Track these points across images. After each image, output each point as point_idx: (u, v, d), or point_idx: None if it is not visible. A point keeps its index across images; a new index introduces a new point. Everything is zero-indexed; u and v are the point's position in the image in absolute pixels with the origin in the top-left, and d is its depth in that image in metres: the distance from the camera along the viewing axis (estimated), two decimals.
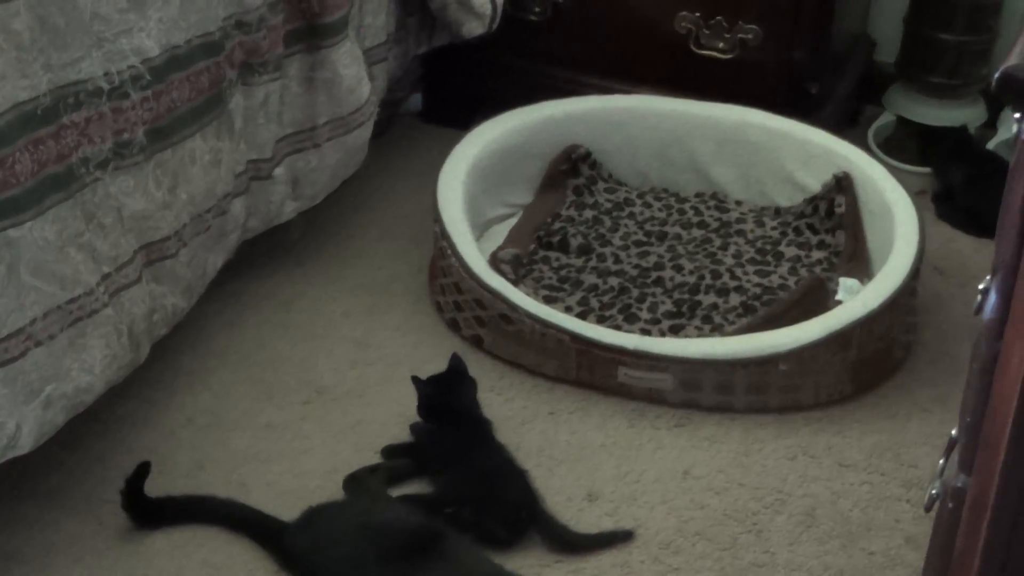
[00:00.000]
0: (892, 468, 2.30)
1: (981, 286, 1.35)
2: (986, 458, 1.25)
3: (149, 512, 2.13)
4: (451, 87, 3.28)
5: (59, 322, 1.96)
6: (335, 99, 2.58)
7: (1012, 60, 1.02)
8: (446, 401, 2.32)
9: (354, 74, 2.60)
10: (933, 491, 1.51)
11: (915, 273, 2.52)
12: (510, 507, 2.15)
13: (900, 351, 2.55)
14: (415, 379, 2.33)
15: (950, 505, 1.39)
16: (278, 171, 2.53)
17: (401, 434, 2.33)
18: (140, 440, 2.30)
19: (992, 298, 1.28)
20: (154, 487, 2.16)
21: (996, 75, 1.02)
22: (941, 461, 1.51)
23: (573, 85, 3.04)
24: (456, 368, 2.37)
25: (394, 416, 2.36)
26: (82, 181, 1.99)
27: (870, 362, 2.46)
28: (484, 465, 2.22)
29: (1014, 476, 1.18)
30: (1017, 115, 1.15)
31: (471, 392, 2.36)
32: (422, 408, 2.32)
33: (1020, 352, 1.14)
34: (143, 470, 2.11)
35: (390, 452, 2.30)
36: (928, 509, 1.54)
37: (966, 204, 2.96)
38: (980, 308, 1.35)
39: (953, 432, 1.48)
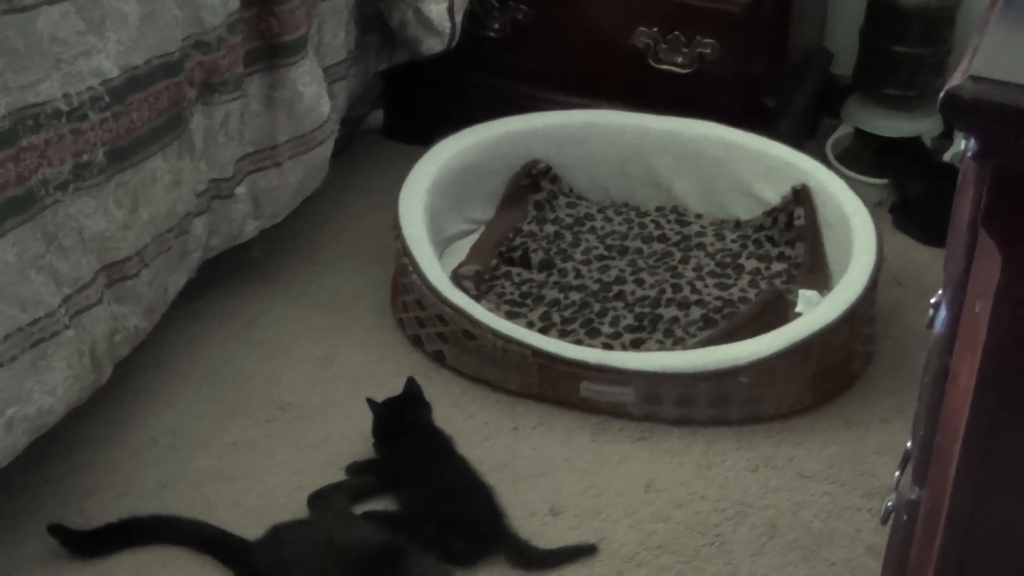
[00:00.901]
0: (852, 478, 2.32)
1: (933, 300, 1.37)
2: (938, 471, 1.27)
3: (90, 544, 2.12)
4: (412, 104, 3.29)
5: (20, 344, 1.95)
6: (295, 117, 2.59)
7: (955, 80, 1.04)
8: (400, 424, 2.33)
9: (314, 92, 2.61)
10: (889, 503, 1.53)
11: (873, 284, 2.54)
12: (472, 524, 2.16)
13: (859, 362, 2.57)
14: (370, 402, 2.34)
15: (905, 517, 1.41)
16: (239, 190, 2.54)
17: (365, 451, 2.34)
18: (103, 461, 2.30)
19: (943, 313, 1.30)
20: (118, 507, 2.17)
21: (940, 95, 1.04)
22: (897, 473, 1.53)
23: (533, 100, 3.06)
24: (411, 391, 2.37)
25: (358, 433, 2.36)
26: (42, 203, 1.99)
27: (830, 373, 2.48)
28: (447, 482, 2.23)
29: (966, 489, 1.19)
30: None
31: (426, 415, 2.37)
32: (377, 431, 2.33)
33: (969, 366, 1.16)
34: (56, 530, 2.11)
35: (355, 469, 2.31)
36: (884, 521, 1.55)
37: (923, 215, 2.98)
38: (932, 322, 1.37)
39: (908, 444, 1.50)
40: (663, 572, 2.13)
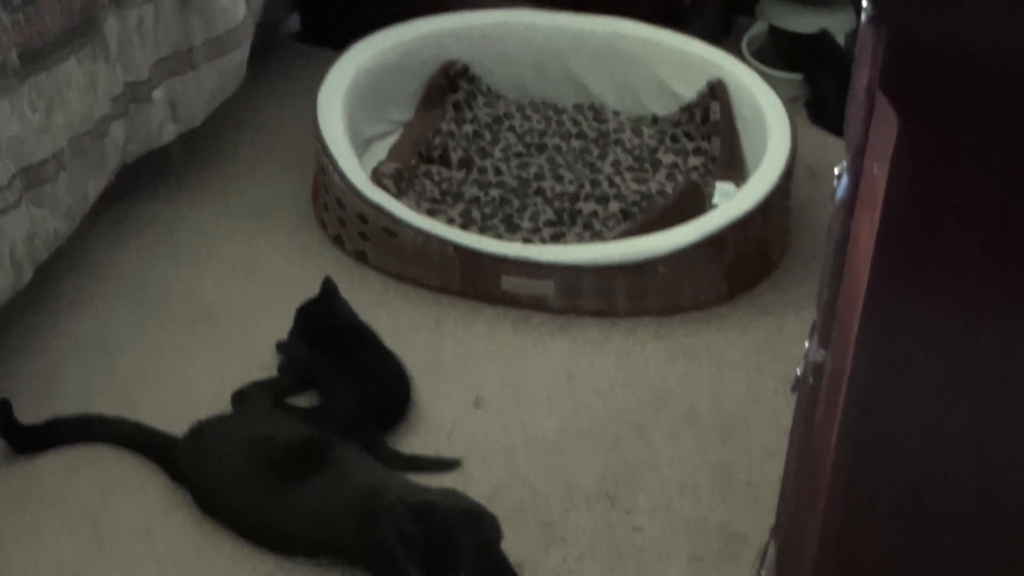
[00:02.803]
0: (769, 364, 2.36)
1: (836, 171, 1.40)
2: (841, 331, 1.31)
3: (29, 438, 2.14)
4: (328, 7, 3.26)
5: None
6: (209, 20, 2.57)
7: None
8: (323, 325, 2.33)
9: None
10: (798, 371, 1.57)
11: (788, 175, 2.57)
12: (341, 413, 2.19)
13: (775, 252, 2.61)
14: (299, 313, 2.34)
15: (810, 380, 1.45)
16: (156, 94, 2.52)
17: None
18: (26, 365, 2.30)
19: (844, 180, 1.33)
20: (43, 411, 2.17)
21: None
22: (807, 343, 1.56)
23: (449, 1, 3.05)
24: (328, 291, 2.36)
25: (281, 334, 2.37)
26: None
27: (746, 263, 2.52)
28: (355, 365, 2.25)
29: (866, 347, 1.23)
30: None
31: (346, 310, 2.36)
32: (298, 336, 2.34)
33: (869, 228, 1.19)
34: (4, 406, 2.11)
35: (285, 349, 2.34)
36: (794, 389, 1.59)
37: (836, 109, 3.00)
38: (836, 192, 1.41)
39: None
40: (585, 458, 2.17)
